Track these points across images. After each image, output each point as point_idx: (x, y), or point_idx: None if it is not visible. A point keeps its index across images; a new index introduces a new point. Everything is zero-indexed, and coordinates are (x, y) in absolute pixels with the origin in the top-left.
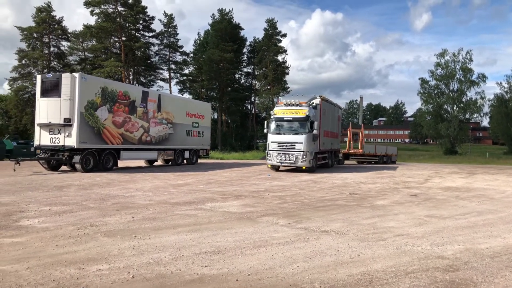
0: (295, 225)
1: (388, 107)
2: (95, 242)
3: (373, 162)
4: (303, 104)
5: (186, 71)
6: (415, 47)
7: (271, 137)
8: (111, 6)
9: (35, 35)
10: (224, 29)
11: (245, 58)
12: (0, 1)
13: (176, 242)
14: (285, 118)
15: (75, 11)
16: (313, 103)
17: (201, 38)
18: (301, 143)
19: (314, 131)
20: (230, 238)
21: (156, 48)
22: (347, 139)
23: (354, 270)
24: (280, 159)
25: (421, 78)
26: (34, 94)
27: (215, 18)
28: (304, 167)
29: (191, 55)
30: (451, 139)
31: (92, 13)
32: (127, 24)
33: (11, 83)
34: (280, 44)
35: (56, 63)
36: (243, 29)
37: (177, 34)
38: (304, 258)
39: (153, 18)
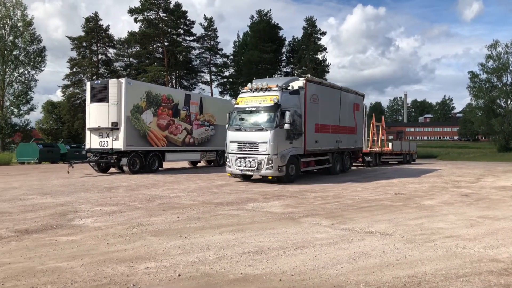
0: (339, 226)
1: (435, 103)
2: (143, 241)
3: (397, 162)
4: (272, 88)
5: (226, 73)
6: (465, 39)
7: (230, 135)
8: (153, 12)
9: (84, 44)
10: (263, 30)
11: (284, 58)
12: (51, 13)
13: (220, 242)
14: (247, 108)
15: (120, 18)
16: (290, 86)
17: (240, 40)
18: (265, 142)
19: (286, 125)
20: (272, 238)
21: (197, 51)
22: (369, 134)
23: (401, 272)
24: (240, 165)
25: (470, 71)
26: (85, 100)
27: (254, 19)
28: (270, 177)
29: (231, 57)
30: (506, 135)
31: (136, 20)
32: (168, 30)
33: (63, 90)
34: (319, 43)
35: (103, 70)
36: (281, 28)
37: (217, 37)
38: (348, 259)
39: (193, 22)
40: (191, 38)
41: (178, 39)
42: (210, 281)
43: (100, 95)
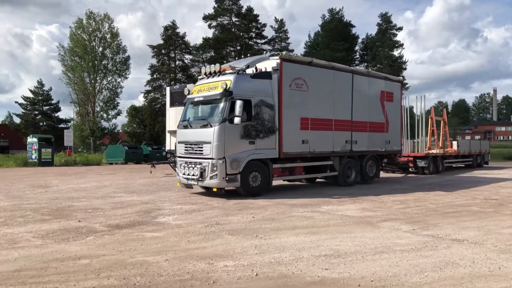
0: (421, 232)
1: None
2: (221, 240)
3: (463, 165)
4: (226, 71)
5: None
6: None
7: (178, 134)
8: (226, 18)
9: (163, 51)
10: (335, 28)
11: (357, 56)
12: (134, 23)
13: (295, 244)
14: (195, 99)
15: (195, 25)
16: (255, 67)
17: (312, 40)
18: (209, 142)
19: (236, 119)
20: (349, 242)
21: (269, 54)
22: (428, 132)
23: (494, 284)
24: (184, 173)
25: None
26: (164, 104)
27: (325, 18)
28: (215, 189)
29: None
30: None
31: (210, 26)
32: (241, 34)
33: (145, 95)
34: (395, 38)
35: (181, 75)
36: (354, 26)
37: (288, 38)
38: (433, 268)
39: (264, 25)
40: (263, 41)
41: (250, 42)
42: (287, 282)
43: (179, 100)
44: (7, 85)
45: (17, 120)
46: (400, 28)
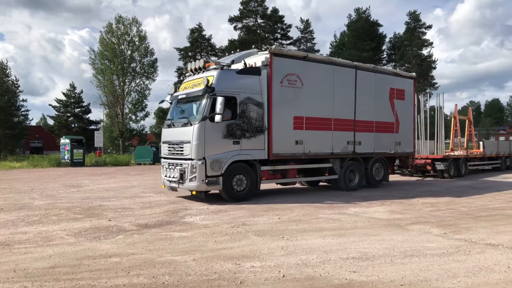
0: (452, 236)
1: None
2: (247, 240)
3: (490, 168)
4: (210, 67)
5: None
6: None
7: (162, 134)
8: (251, 19)
9: (189, 53)
10: (361, 28)
11: (385, 56)
12: (160, 27)
13: (322, 246)
14: (179, 96)
15: (220, 27)
16: (242, 63)
17: (337, 40)
18: (189, 142)
19: (216, 117)
20: (378, 245)
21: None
22: (451, 133)
23: None
24: (166, 174)
25: None
26: None
27: (352, 18)
28: (194, 192)
29: None
30: None
31: (235, 28)
32: (266, 35)
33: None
34: (424, 37)
35: None
36: (381, 25)
37: (314, 38)
38: (466, 273)
39: (290, 26)
40: (288, 42)
41: (275, 43)
42: (314, 284)
43: None
44: (42, 89)
45: (50, 122)
46: (430, 26)
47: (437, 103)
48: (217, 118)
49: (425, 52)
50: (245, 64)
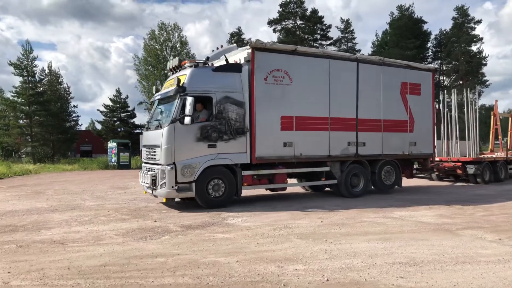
0: (508, 242)
1: None
2: (290, 243)
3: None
4: (185, 65)
5: None
6: None
7: (141, 138)
8: (291, 21)
9: None
10: (404, 26)
11: (430, 53)
12: (201, 31)
13: (367, 250)
14: (156, 97)
15: (259, 30)
16: (220, 59)
17: (379, 39)
18: (159, 146)
19: (186, 119)
20: (426, 250)
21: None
22: (490, 132)
23: None
24: (141, 180)
25: None
26: None
27: (394, 16)
28: (164, 199)
29: None
30: None
31: (274, 30)
32: (305, 36)
33: None
34: (473, 33)
35: None
36: (426, 22)
37: (354, 38)
38: None
39: (329, 26)
40: (328, 43)
41: (315, 44)
42: None
43: None
44: (90, 95)
45: (98, 126)
46: (479, 21)
47: (467, 99)
48: (186, 120)
49: (474, 48)
50: (226, 60)
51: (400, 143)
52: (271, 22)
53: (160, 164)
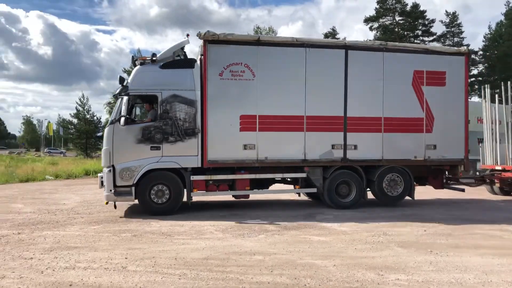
0: None
1: None
2: (390, 251)
3: None
4: (137, 62)
5: (475, 72)
6: None
7: None
8: (389, 18)
9: None
10: None
11: None
12: (293, 33)
13: (480, 265)
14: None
15: (354, 28)
16: (167, 56)
17: (492, 32)
18: (102, 148)
19: (121, 120)
20: None
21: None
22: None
23: None
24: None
25: None
26: None
27: (510, 5)
28: (105, 202)
29: (480, 52)
30: None
31: (371, 28)
32: (405, 33)
33: None
34: None
35: None
36: None
37: (462, 32)
38: None
39: (433, 21)
40: (431, 39)
41: (415, 41)
42: None
43: None
44: None
45: None
46: None
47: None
48: (121, 121)
49: None
50: (179, 56)
51: (411, 146)
52: (367, 20)
53: (103, 167)
